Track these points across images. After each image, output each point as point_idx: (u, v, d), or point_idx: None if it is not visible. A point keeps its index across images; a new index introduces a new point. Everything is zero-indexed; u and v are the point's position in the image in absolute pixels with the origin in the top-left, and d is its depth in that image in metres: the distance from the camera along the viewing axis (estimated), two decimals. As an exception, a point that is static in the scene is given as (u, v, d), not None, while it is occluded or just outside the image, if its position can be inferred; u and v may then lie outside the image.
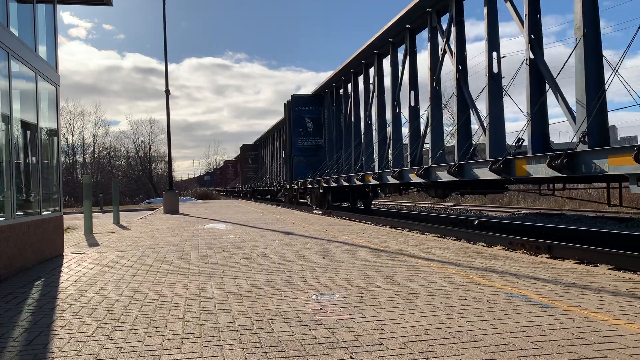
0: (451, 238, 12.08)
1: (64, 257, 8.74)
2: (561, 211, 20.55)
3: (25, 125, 8.11)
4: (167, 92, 25.52)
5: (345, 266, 6.87)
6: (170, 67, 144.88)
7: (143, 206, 44.93)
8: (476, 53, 47.08)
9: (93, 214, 14.87)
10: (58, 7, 9.97)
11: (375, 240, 10.02)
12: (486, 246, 10.23)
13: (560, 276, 5.87)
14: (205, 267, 7.11)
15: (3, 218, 6.99)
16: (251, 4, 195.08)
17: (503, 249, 10.07)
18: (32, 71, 8.19)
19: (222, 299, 5.06)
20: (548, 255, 9.27)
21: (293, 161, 30.54)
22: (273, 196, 46.74)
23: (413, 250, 8.42)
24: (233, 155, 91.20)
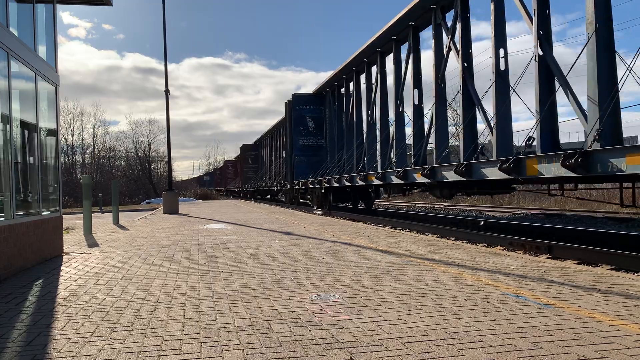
0: (451, 238, 12.08)
1: (64, 258, 8.73)
2: (561, 211, 20.55)
3: (24, 125, 8.11)
4: (167, 92, 25.54)
5: (345, 267, 6.86)
6: (170, 67, 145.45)
7: (142, 206, 44.96)
8: (476, 53, 47.00)
9: (92, 214, 14.87)
10: (58, 7, 9.97)
11: (375, 240, 10.01)
12: (486, 246, 10.23)
13: (560, 277, 5.87)
14: (204, 268, 7.10)
15: (2, 218, 6.98)
16: (251, 4, 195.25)
17: (503, 250, 10.07)
18: (32, 71, 8.18)
19: (222, 300, 5.05)
20: (548, 255, 9.27)
21: (294, 161, 30.30)
22: (273, 196, 46.68)
23: (413, 250, 8.42)
24: (233, 155, 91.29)
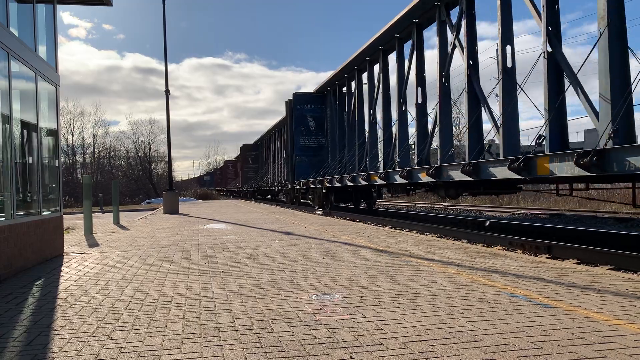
0: (451, 238, 12.09)
1: (64, 258, 8.74)
2: (568, 211, 20.54)
3: (25, 125, 8.12)
4: (167, 92, 25.54)
5: (345, 266, 6.87)
6: (170, 67, 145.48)
7: (143, 206, 44.95)
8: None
9: (93, 214, 14.88)
10: (58, 7, 9.98)
11: (375, 240, 10.02)
12: (486, 246, 10.23)
13: (560, 276, 5.87)
14: (205, 268, 7.11)
15: (3, 218, 6.99)
16: (251, 4, 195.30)
17: (503, 249, 10.08)
18: (32, 71, 8.19)
19: (222, 299, 5.06)
20: (548, 255, 9.28)
21: (295, 161, 30.01)
22: (274, 196, 46.62)
23: (413, 250, 8.43)
24: (233, 155, 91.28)
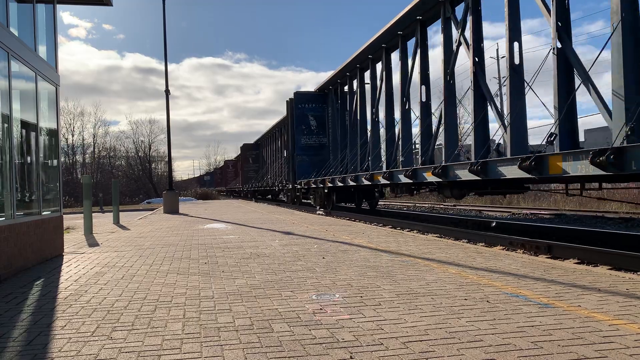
0: (451, 238, 12.09)
1: (64, 257, 8.74)
2: (560, 211, 20.56)
3: (25, 125, 8.11)
4: (167, 92, 25.54)
5: (345, 266, 6.87)
6: (170, 67, 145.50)
7: (143, 206, 44.95)
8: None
9: (93, 214, 14.88)
10: (58, 7, 9.97)
11: (375, 240, 10.02)
12: (486, 246, 10.23)
13: (560, 276, 5.87)
14: (205, 267, 7.11)
15: (3, 218, 6.99)
16: (251, 4, 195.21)
17: (503, 249, 10.08)
18: (32, 71, 8.19)
19: (222, 299, 5.06)
20: (548, 255, 9.27)
21: (296, 160, 29.71)
22: (274, 196, 46.57)
23: (413, 250, 8.42)
24: (233, 155, 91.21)
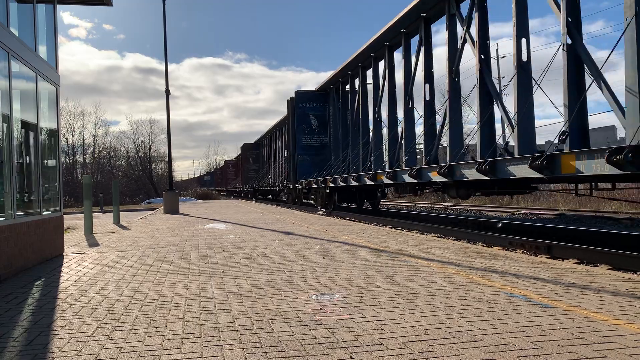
0: (451, 238, 12.09)
1: (64, 257, 8.74)
2: (560, 211, 20.55)
3: (25, 125, 8.12)
4: (167, 92, 25.55)
5: (345, 266, 6.87)
6: (170, 67, 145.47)
7: (143, 206, 44.92)
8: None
9: (93, 214, 14.88)
10: (58, 7, 9.98)
11: (375, 240, 10.02)
12: (486, 246, 10.23)
13: (559, 276, 5.88)
14: (205, 267, 7.12)
15: (3, 218, 6.99)
16: (251, 4, 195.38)
17: (503, 249, 10.07)
18: (32, 71, 8.19)
19: (222, 299, 5.06)
20: (548, 255, 9.27)
21: (297, 160, 29.44)
22: (275, 196, 46.52)
23: (413, 250, 8.43)
24: (233, 155, 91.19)
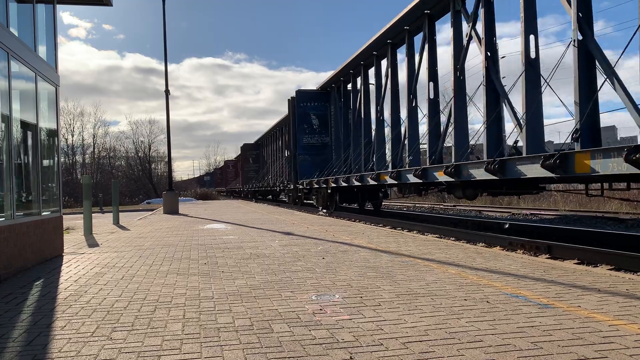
0: (451, 238, 12.09)
1: (64, 258, 8.73)
2: (560, 212, 20.55)
3: (25, 125, 8.11)
4: (167, 92, 25.53)
5: (345, 267, 6.87)
6: (170, 67, 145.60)
7: (143, 206, 44.94)
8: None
9: (93, 215, 14.87)
10: (58, 7, 9.97)
11: (375, 240, 10.02)
12: (486, 246, 10.23)
13: (560, 277, 5.87)
14: (205, 268, 7.11)
15: (3, 218, 6.98)
16: (251, 4, 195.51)
17: (503, 250, 10.07)
18: (32, 71, 8.19)
19: (222, 300, 5.06)
20: (548, 255, 9.27)
21: (297, 160, 29.17)
22: (275, 197, 46.44)
23: (413, 250, 8.42)
24: (233, 155, 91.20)
